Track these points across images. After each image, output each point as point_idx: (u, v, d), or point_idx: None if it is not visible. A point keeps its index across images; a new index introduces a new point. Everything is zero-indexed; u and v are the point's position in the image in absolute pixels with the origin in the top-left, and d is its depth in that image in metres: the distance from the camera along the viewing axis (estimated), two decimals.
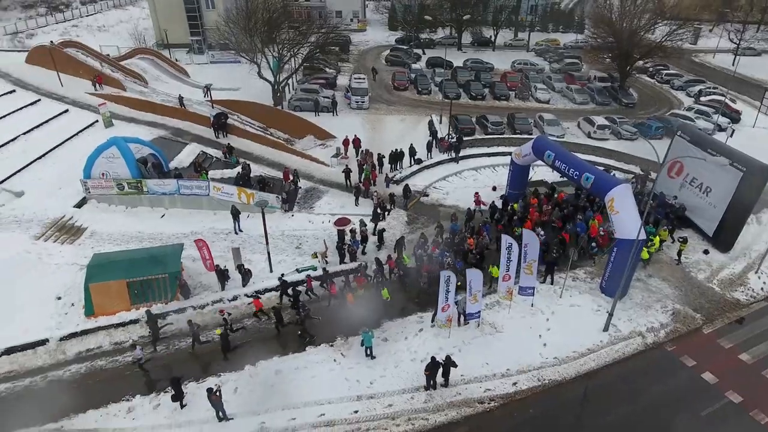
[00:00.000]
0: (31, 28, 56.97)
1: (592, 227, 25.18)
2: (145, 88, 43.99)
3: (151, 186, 27.51)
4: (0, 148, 31.71)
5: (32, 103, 38.42)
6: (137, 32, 56.51)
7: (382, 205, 27.96)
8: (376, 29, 73.14)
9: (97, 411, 16.68)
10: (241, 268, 22.06)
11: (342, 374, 18.26)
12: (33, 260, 23.00)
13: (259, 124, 39.95)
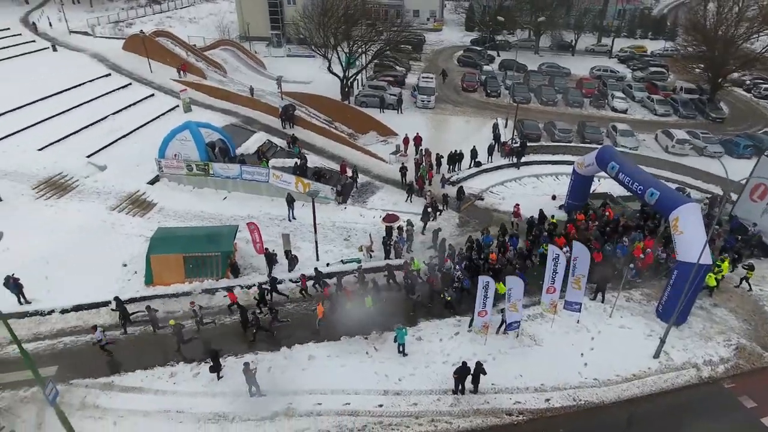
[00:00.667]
0: (131, 18, 61.88)
1: (636, 248, 23.45)
2: (224, 77, 46.51)
3: (216, 169, 29.11)
4: (92, 126, 34.79)
5: (123, 87, 41.81)
6: (222, 25, 59.80)
7: (434, 205, 27.81)
8: (452, 29, 72.56)
9: (144, 372, 17.99)
10: (288, 254, 22.85)
11: (372, 367, 18.44)
12: (107, 228, 25.15)
13: (325, 118, 41.00)
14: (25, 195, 26.29)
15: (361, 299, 20.35)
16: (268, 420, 16.42)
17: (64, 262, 22.41)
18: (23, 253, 22.28)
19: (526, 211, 27.58)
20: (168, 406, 16.77)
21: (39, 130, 33.00)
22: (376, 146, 36.98)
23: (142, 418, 16.35)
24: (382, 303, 20.64)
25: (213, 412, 16.64)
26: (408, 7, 72.97)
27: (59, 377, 17.49)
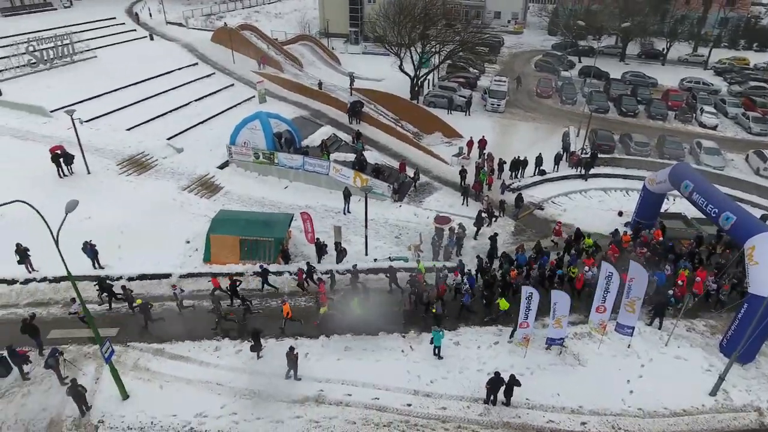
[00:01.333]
0: (222, 12, 65.65)
1: (681, 275, 21.51)
2: (300, 71, 48.23)
3: (281, 158, 30.30)
4: (175, 111, 37.37)
5: (207, 76, 44.56)
6: (304, 20, 61.88)
7: (490, 210, 27.27)
8: (533, 33, 70.48)
9: (192, 342, 19.15)
10: (338, 246, 23.37)
11: (406, 366, 18.47)
12: (176, 207, 26.95)
13: (392, 116, 41.40)
14: (110, 170, 28.77)
15: (345, 300, 20.47)
16: (298, 403, 16.95)
17: (136, 233, 24.25)
18: (102, 222, 24.39)
19: (587, 226, 26.37)
20: (209, 378, 17.76)
21: (130, 111, 35.96)
22: (440, 147, 36.84)
23: (185, 385, 17.44)
24: (370, 307, 20.29)
25: (249, 388, 17.41)
26: (489, 8, 71.87)
27: (118, 339, 19.06)
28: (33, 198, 15.34)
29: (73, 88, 36.86)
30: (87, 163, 28.06)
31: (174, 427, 16.05)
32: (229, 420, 16.32)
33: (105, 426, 16.05)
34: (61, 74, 39.87)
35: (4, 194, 23.58)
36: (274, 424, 16.25)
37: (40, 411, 16.38)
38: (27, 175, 26.83)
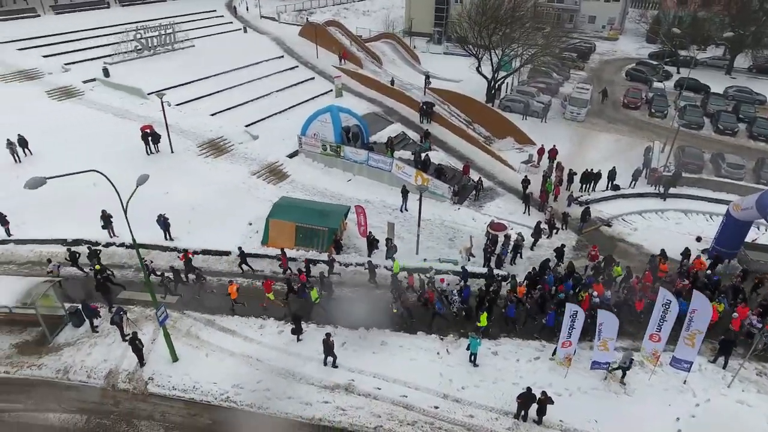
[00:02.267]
0: (313, 8, 68.11)
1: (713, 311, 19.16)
2: (379, 68, 48.96)
3: (347, 152, 31.06)
4: (257, 100, 39.45)
5: (291, 68, 46.56)
6: (388, 19, 62.64)
7: (552, 222, 26.24)
8: (629, 40, 66.32)
9: (240, 318, 20.28)
10: (388, 242, 23.59)
11: (439, 368, 18.34)
12: (245, 190, 28.55)
13: (465, 117, 40.89)
14: (191, 151, 31.04)
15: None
16: (328, 390, 17.43)
17: (206, 211, 26.04)
18: (178, 198, 26.45)
19: (657, 249, 24.56)
20: (251, 353, 18.73)
21: (216, 98, 38.50)
22: (510, 153, 35.91)
23: (228, 356, 18.53)
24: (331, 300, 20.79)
25: (285, 368, 18.15)
26: (584, 12, 68.73)
27: (177, 306, 20.63)
28: (121, 171, 16.85)
29: (170, 74, 40.09)
30: (171, 143, 30.50)
31: (212, 394, 17.13)
32: (262, 395, 17.13)
33: (154, 383, 17.48)
34: (162, 61, 43.51)
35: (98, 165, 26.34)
36: (303, 406, 16.84)
37: (102, 361, 18.16)
38: (119, 150, 29.64)
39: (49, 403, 16.66)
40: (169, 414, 16.54)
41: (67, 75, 38.70)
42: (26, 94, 35.08)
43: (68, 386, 17.34)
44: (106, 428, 16.01)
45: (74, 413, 16.40)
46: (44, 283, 18.94)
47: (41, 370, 17.80)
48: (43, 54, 40.89)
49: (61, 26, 46.54)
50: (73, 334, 19.28)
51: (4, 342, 18.89)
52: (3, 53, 40.19)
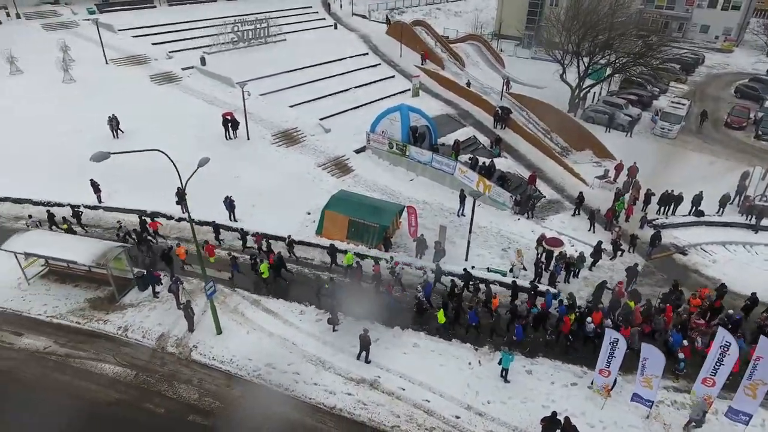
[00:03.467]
0: (405, 7, 68.61)
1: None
2: (461, 70, 48.40)
3: (412, 152, 31.17)
4: (335, 95, 40.67)
5: (373, 66, 47.43)
6: (477, 20, 61.61)
7: (617, 243, 24.59)
8: (745, 53, 60.01)
9: (284, 302, 21.18)
10: (437, 245, 23.42)
11: (468, 379, 17.98)
12: (309, 180, 29.65)
13: (543, 126, 39.39)
14: (266, 139, 32.77)
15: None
16: (354, 382, 17.74)
17: (270, 197, 27.41)
18: (246, 182, 28.15)
19: (738, 285, 22.22)
20: (288, 336, 19.53)
21: (298, 90, 40.20)
22: (585, 166, 34.05)
23: (267, 336, 19.46)
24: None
25: (316, 355, 18.73)
26: (696, 20, 63.27)
27: (230, 283, 21.98)
28: (200, 153, 18.03)
29: (259, 65, 42.38)
30: (248, 130, 32.40)
31: (246, 369, 18.11)
32: (291, 377, 17.82)
33: (197, 350, 18.81)
34: (254, 53, 46.18)
35: (181, 146, 28.74)
36: (327, 394, 17.30)
37: (157, 324, 19.85)
38: (203, 134, 32.04)
39: (107, 355, 18.52)
40: (205, 381, 17.73)
41: (170, 62, 42.31)
42: (133, 77, 38.87)
43: (125, 342, 19.16)
44: (150, 385, 17.50)
45: (126, 367, 18.10)
46: (118, 248, 21.04)
47: (106, 325, 19.82)
48: (153, 42, 45.01)
49: (171, 17, 50.88)
50: (137, 297, 21.23)
51: (81, 296, 21.24)
52: (120, 40, 44.75)
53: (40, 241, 21.15)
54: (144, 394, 17.21)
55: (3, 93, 34.54)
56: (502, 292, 21.77)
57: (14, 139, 29.96)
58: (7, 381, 17.48)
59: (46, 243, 21.04)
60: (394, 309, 20.53)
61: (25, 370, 17.88)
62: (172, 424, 16.27)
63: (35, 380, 17.52)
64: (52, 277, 22.19)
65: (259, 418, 16.40)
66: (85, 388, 17.28)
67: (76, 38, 43.28)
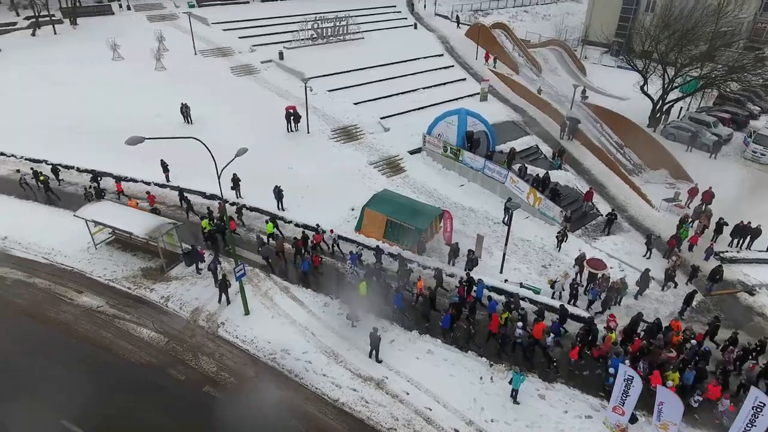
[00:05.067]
0: (491, 9, 67.22)
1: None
2: (536, 76, 46.69)
3: (465, 157, 30.71)
4: (401, 95, 40.86)
5: (446, 67, 47.13)
6: (562, 25, 58.93)
7: (672, 273, 22.66)
8: None
9: (312, 292, 21.83)
10: (470, 253, 22.99)
11: (476, 393, 17.58)
12: (359, 177, 30.22)
13: (617, 140, 37.09)
14: (324, 134, 33.84)
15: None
16: (361, 379, 18.01)
17: (319, 190, 28.34)
18: (299, 174, 29.34)
19: None
20: (309, 325, 20.19)
21: (365, 88, 40.97)
22: (657, 187, 31.71)
23: (289, 324, 20.25)
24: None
25: (331, 348, 19.22)
26: None
27: (267, 269, 23.06)
28: (264, 144, 19.10)
29: (333, 62, 43.85)
30: (309, 124, 33.63)
31: (263, 351, 19.02)
32: (302, 365, 18.45)
33: (224, 327, 20.04)
34: (331, 49, 47.69)
35: (246, 135, 30.67)
36: (333, 386, 17.73)
37: (194, 298, 21.39)
38: (269, 124, 33.74)
39: (147, 321, 20.27)
40: (225, 357, 18.87)
41: (251, 55, 44.92)
42: (216, 68, 41.78)
43: (164, 311, 20.85)
44: (177, 353, 18.94)
45: (160, 334, 19.71)
46: (169, 224, 22.89)
47: (151, 293, 21.69)
48: (239, 36, 48.02)
49: (260, 12, 53.96)
50: (182, 271, 22.97)
51: (136, 264, 23.38)
52: (211, 32, 48.28)
53: (107, 211, 23.54)
54: (171, 360, 18.65)
55: (102, 77, 38.50)
56: (529, 309, 21.00)
57: (97, 121, 32.96)
58: (64, 332, 19.72)
59: (112, 214, 23.38)
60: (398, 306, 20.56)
61: (79, 324, 20.06)
62: (188, 391, 17.50)
63: (85, 334, 19.61)
64: (116, 244, 24.61)
65: (265, 399, 17.20)
66: (123, 347, 19.06)
67: (174, 29, 47.29)
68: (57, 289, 21.70)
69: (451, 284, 22.21)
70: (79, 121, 32.92)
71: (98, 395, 17.00)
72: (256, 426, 16.20)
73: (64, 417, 16.19)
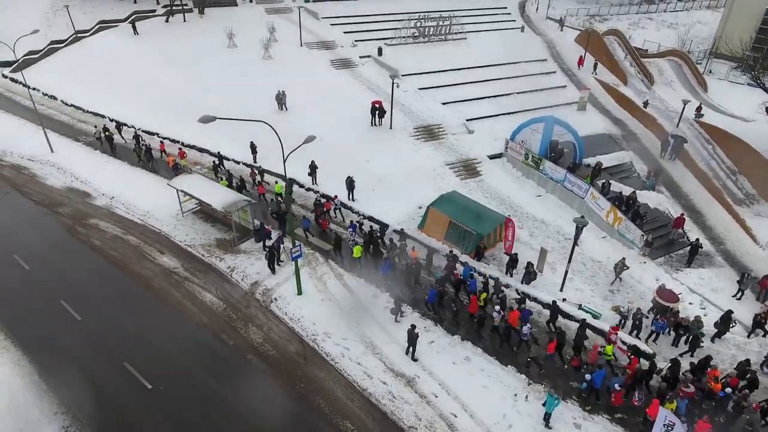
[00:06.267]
0: (610, 14, 62.92)
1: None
2: (646, 88, 43.01)
3: (546, 166, 29.35)
4: (494, 98, 39.81)
5: (547, 73, 45.17)
6: (687, 35, 53.48)
7: (760, 319, 19.96)
8: None
9: (363, 282, 22.31)
10: (529, 266, 22.04)
11: (507, 410, 16.95)
12: (433, 176, 30.13)
13: (729, 165, 33.15)
14: (406, 130, 34.14)
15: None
16: (392, 374, 18.16)
17: (390, 185, 28.76)
18: (375, 167, 29.98)
19: None
20: (354, 313, 20.72)
21: (457, 88, 40.56)
22: (766, 221, 27.88)
23: (337, 309, 20.86)
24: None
25: (372, 339, 19.54)
26: None
27: (328, 254, 24.00)
28: (347, 135, 19.97)
29: (430, 61, 43.95)
30: (392, 120, 34.15)
31: (307, 330, 19.89)
32: (340, 351, 19.02)
33: (276, 303, 21.24)
34: (430, 48, 47.71)
35: (331, 125, 32.05)
36: (364, 376, 18.09)
37: (255, 273, 22.90)
38: (355, 117, 34.78)
39: (211, 287, 22.12)
40: (272, 330, 20.03)
41: (352, 49, 46.40)
42: (317, 60, 43.79)
43: (228, 280, 22.60)
44: (231, 320, 20.45)
45: (220, 300, 21.41)
46: (244, 201, 24.67)
47: (220, 262, 23.59)
48: (344, 30, 49.80)
49: (370, 9, 55.27)
50: (251, 246, 24.67)
51: (213, 235, 25.53)
52: (319, 26, 50.56)
53: (195, 183, 25.94)
54: (224, 325, 20.19)
55: (215, 63, 41.97)
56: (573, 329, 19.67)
57: (198, 99, 35.58)
58: (142, 285, 22.16)
59: (198, 186, 25.69)
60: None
61: (155, 280, 22.44)
62: (234, 356, 18.85)
63: (158, 289, 21.89)
64: (200, 214, 27.03)
65: (299, 375, 18.04)
66: (187, 307, 20.99)
67: (286, 22, 50.25)
68: (144, 247, 24.40)
69: (509, 296, 21.49)
70: (184, 99, 35.99)
71: (157, 346, 18.96)
72: (285, 400, 17.10)
73: (125, 360, 18.27)
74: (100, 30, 46.73)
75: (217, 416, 16.51)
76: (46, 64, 44.01)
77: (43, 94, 40.36)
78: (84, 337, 19.32)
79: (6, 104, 39.09)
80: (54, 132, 33.94)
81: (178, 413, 16.62)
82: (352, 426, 16.41)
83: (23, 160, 31.76)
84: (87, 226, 25.77)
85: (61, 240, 24.63)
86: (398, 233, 24.94)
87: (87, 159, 31.83)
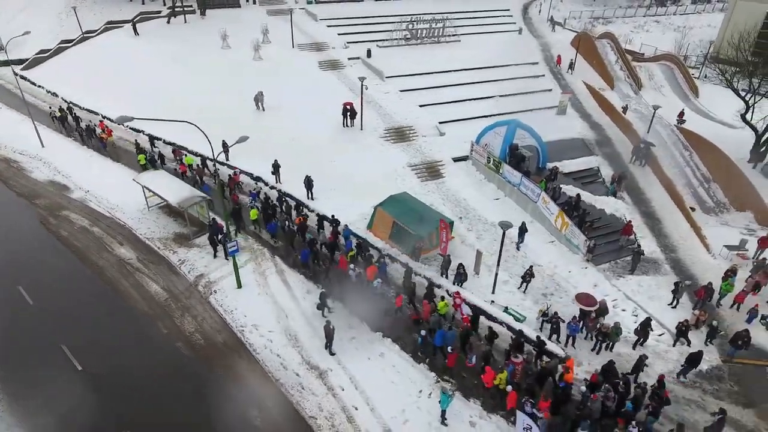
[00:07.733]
0: (614, 17, 61.88)
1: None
2: (633, 93, 42.38)
3: (504, 170, 29.53)
4: (476, 100, 39.86)
5: (535, 76, 45.10)
6: (684, 40, 52.14)
7: (682, 327, 19.81)
8: None
9: (303, 280, 23.15)
10: (460, 267, 22.41)
11: (407, 405, 17.49)
12: (393, 177, 30.49)
13: (704, 173, 32.59)
14: (376, 132, 34.74)
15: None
16: (307, 367, 18.96)
17: (351, 185, 29.42)
18: (337, 167, 30.77)
19: None
20: (286, 309, 21.57)
21: (439, 91, 40.82)
22: (732, 231, 27.46)
23: (271, 303, 21.76)
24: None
25: (296, 332, 20.35)
26: None
27: (275, 251, 24.97)
28: (318, 135, 20.73)
29: (417, 63, 44.38)
30: (363, 121, 34.84)
31: (237, 322, 20.88)
32: (264, 342, 19.93)
33: (215, 296, 22.28)
34: (421, 50, 48.09)
35: (305, 124, 32.97)
36: (279, 367, 18.96)
37: (203, 266, 24.00)
38: (330, 118, 35.51)
39: (159, 278, 23.37)
40: (205, 321, 21.10)
41: (343, 51, 47.19)
42: (305, 61, 44.73)
43: (176, 272, 23.82)
44: (170, 310, 21.60)
45: (165, 290, 22.64)
46: (199, 197, 25.87)
47: (173, 255, 24.84)
48: (339, 32, 50.66)
49: (369, 10, 56.04)
50: (205, 241, 25.74)
51: (172, 229, 26.77)
52: (316, 28, 51.55)
53: (158, 180, 27.30)
54: (163, 314, 21.39)
55: (206, 63, 43.43)
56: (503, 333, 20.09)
57: (186, 101, 37.11)
58: (97, 274, 23.60)
59: (160, 182, 27.04)
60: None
61: (110, 270, 23.85)
62: (164, 344, 20.01)
63: (110, 279, 23.28)
64: (165, 209, 28.36)
65: (220, 364, 19.05)
66: (132, 297, 22.31)
67: (285, 23, 51.27)
68: (106, 239, 25.90)
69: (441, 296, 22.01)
70: (171, 97, 37.35)
71: (96, 332, 20.31)
72: (201, 384, 18.13)
73: (64, 342, 19.65)
74: (106, 30, 49.09)
75: (139, 399, 17.65)
76: (53, 63, 46.65)
77: (47, 91, 42.89)
78: (31, 319, 20.82)
79: (11, 100, 41.61)
80: (47, 128, 36.11)
81: (103, 394, 17.77)
82: (257, 414, 17.30)
83: (14, 153, 33.94)
84: (59, 217, 27.48)
85: (31, 229, 26.42)
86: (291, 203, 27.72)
87: (73, 154, 33.77)
